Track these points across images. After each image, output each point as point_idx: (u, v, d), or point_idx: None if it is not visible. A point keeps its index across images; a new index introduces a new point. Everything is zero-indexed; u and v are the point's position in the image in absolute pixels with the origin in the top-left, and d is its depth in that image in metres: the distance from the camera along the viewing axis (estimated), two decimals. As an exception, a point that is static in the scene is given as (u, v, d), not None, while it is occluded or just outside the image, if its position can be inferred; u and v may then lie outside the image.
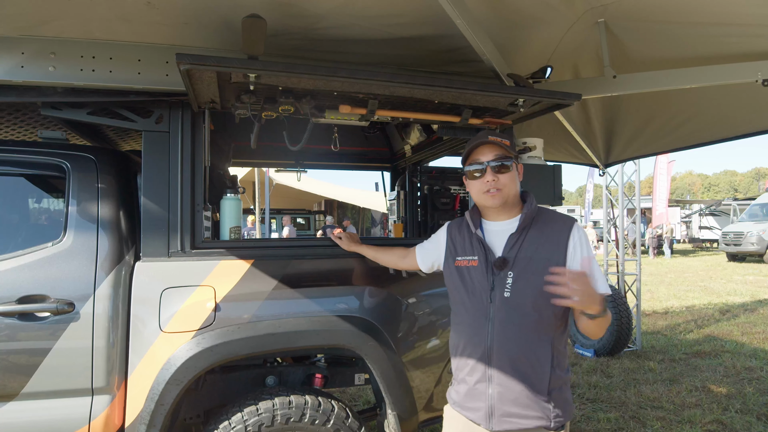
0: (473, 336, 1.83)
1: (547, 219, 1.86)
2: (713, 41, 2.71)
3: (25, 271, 2.16)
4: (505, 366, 1.76)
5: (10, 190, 2.36)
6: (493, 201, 1.84)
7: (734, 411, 4.41)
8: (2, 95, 2.24)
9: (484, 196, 1.86)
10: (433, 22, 2.28)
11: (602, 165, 5.68)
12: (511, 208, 1.89)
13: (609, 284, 6.58)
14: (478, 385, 1.81)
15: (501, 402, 1.76)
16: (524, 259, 1.78)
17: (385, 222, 18.93)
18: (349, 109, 2.36)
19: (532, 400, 1.74)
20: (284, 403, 2.24)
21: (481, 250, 1.86)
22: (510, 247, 1.81)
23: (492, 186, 1.83)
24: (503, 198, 1.84)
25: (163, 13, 2.10)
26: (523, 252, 1.79)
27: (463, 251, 1.93)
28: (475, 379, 1.82)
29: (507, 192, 1.84)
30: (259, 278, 2.37)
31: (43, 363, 2.10)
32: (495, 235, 1.88)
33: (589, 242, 1.81)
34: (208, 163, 2.50)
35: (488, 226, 1.92)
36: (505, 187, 1.83)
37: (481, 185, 1.86)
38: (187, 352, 2.17)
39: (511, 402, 1.75)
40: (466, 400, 1.86)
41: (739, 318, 8.54)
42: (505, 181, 1.83)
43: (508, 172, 1.84)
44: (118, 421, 2.22)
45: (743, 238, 19.34)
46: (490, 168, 1.83)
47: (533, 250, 1.78)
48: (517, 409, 1.75)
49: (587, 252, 1.78)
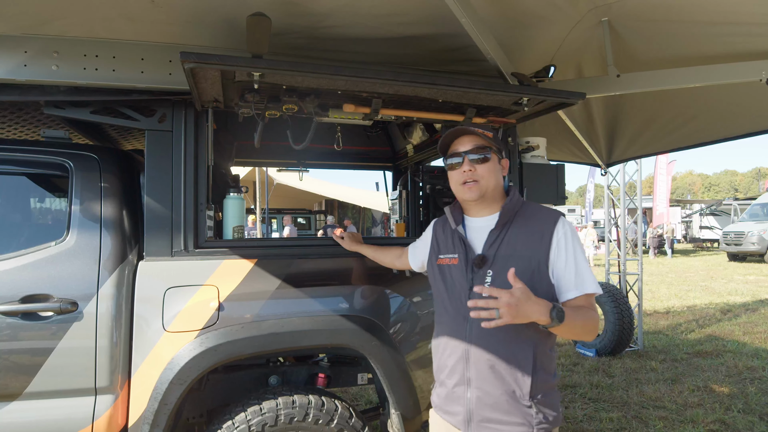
0: (452, 337, 1.76)
1: (530, 214, 1.77)
2: (717, 40, 2.71)
3: (28, 270, 2.15)
4: (484, 369, 1.68)
5: (13, 190, 2.35)
6: (470, 193, 1.76)
7: (737, 411, 4.40)
8: (5, 94, 2.23)
9: (461, 188, 1.79)
10: (438, 21, 2.28)
11: (604, 164, 5.68)
12: (492, 202, 1.80)
13: (612, 284, 6.60)
14: (456, 388, 1.74)
15: (479, 407, 1.68)
16: (504, 256, 1.69)
17: (385, 222, 18.94)
18: (353, 108, 2.35)
19: (512, 405, 1.65)
20: (288, 403, 2.23)
21: (461, 248, 1.79)
22: (490, 244, 1.73)
23: (469, 177, 1.75)
24: (480, 191, 1.75)
25: (166, 12, 2.10)
26: (503, 249, 1.71)
27: (446, 249, 1.86)
28: (454, 381, 1.75)
29: (485, 184, 1.75)
30: (262, 277, 2.36)
31: (47, 363, 2.09)
32: (476, 232, 1.81)
33: (578, 237, 1.71)
34: (211, 162, 2.50)
35: (470, 223, 1.85)
36: (483, 179, 1.75)
37: (459, 176, 1.78)
38: (191, 351, 2.17)
39: (490, 407, 1.67)
40: (446, 404, 1.79)
41: (741, 318, 8.54)
42: (482, 172, 1.74)
43: (487, 163, 1.75)
44: (122, 421, 2.21)
45: (744, 238, 19.34)
46: (468, 159, 1.75)
47: (514, 247, 1.70)
48: (497, 415, 1.66)
49: (573, 247, 1.68)
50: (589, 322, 1.61)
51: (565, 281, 1.66)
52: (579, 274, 1.64)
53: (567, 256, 1.66)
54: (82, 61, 2.22)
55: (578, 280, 1.65)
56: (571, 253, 1.67)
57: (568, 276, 1.65)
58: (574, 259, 1.66)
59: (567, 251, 1.67)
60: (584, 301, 1.65)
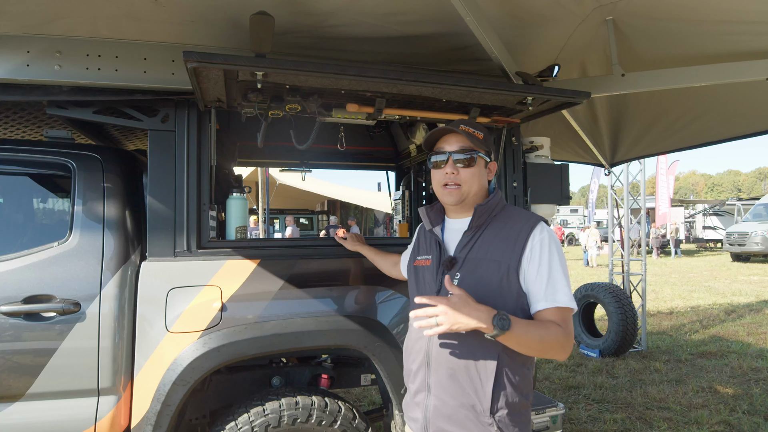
0: (417, 340, 1.69)
1: (507, 217, 1.67)
2: (722, 39, 2.69)
3: (30, 270, 2.14)
4: (443, 376, 1.59)
5: (16, 190, 2.34)
6: (450, 198, 1.69)
7: (741, 412, 4.38)
8: (8, 94, 2.22)
9: (442, 190, 1.70)
10: (442, 19, 2.27)
11: (608, 164, 5.66)
12: (473, 205, 1.69)
13: (615, 284, 6.57)
14: (418, 395, 1.68)
15: (435, 416, 1.60)
16: (473, 260, 1.62)
17: (387, 222, 18.93)
18: (357, 107, 2.34)
19: (470, 419, 1.54)
20: (291, 404, 2.22)
21: (435, 249, 1.73)
22: (462, 245, 1.66)
23: (450, 180, 1.67)
24: (461, 196, 1.68)
25: (170, 11, 2.09)
26: (474, 252, 1.63)
27: (424, 250, 1.81)
28: (416, 387, 1.69)
29: (466, 189, 1.67)
30: (265, 278, 2.35)
31: (49, 363, 2.09)
32: (453, 234, 1.74)
33: (557, 246, 1.59)
34: (214, 163, 2.49)
35: (449, 224, 1.78)
36: (465, 183, 1.66)
37: (441, 177, 1.69)
38: (194, 352, 2.16)
39: (446, 417, 1.58)
40: (409, 409, 1.74)
41: (745, 318, 8.51)
42: (465, 176, 1.66)
43: (472, 167, 1.66)
44: (124, 422, 2.21)
45: (747, 238, 19.29)
46: (452, 160, 1.66)
47: (485, 251, 1.61)
48: (451, 427, 1.57)
49: (549, 256, 1.55)
50: (549, 340, 1.47)
51: (534, 291, 1.55)
52: (551, 284, 1.52)
53: (540, 263, 1.55)
54: (84, 60, 2.21)
55: (549, 291, 1.52)
56: (546, 262, 1.54)
57: (538, 285, 1.54)
58: (548, 269, 1.54)
59: (541, 259, 1.55)
60: (554, 315, 1.52)
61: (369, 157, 4.53)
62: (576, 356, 6.25)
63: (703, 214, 28.12)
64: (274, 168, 12.22)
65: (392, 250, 2.37)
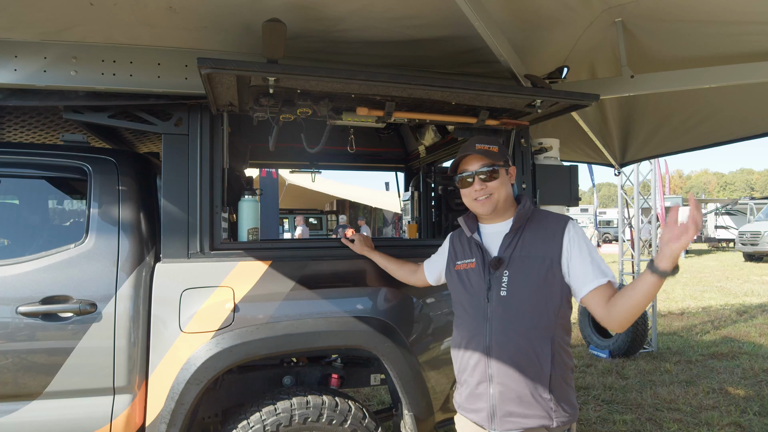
0: (473, 337, 1.85)
1: (541, 218, 1.90)
2: (732, 40, 2.68)
3: (48, 272, 2.19)
4: (505, 365, 1.76)
5: (34, 193, 2.40)
6: (483, 208, 1.89)
7: (752, 413, 4.35)
8: (26, 99, 2.28)
9: (475, 204, 1.91)
10: (451, 23, 2.29)
11: (618, 165, 5.64)
12: (505, 210, 1.92)
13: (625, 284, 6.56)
14: (479, 386, 1.82)
15: (502, 401, 1.76)
16: (519, 258, 1.81)
17: (396, 222, 18.94)
18: (367, 111, 2.37)
19: (533, 398, 1.73)
20: (302, 403, 2.26)
21: (478, 252, 1.90)
22: (506, 246, 1.85)
23: (481, 194, 1.88)
24: (493, 204, 1.88)
25: (184, 18, 2.12)
26: (518, 251, 1.82)
27: (463, 255, 1.99)
28: (476, 380, 1.83)
29: (497, 197, 1.88)
30: (277, 279, 2.39)
31: (66, 362, 2.13)
32: (491, 237, 1.93)
33: (587, 238, 1.82)
34: (226, 165, 2.53)
35: (485, 230, 1.97)
36: (495, 192, 1.87)
37: (471, 193, 1.90)
38: (207, 352, 2.20)
39: (512, 401, 1.75)
40: (469, 402, 1.87)
41: (757, 319, 8.43)
42: (493, 187, 1.87)
43: (497, 178, 1.87)
44: (139, 420, 2.25)
45: (760, 238, 19.03)
46: (478, 177, 1.87)
47: (528, 249, 1.81)
48: (519, 408, 1.74)
49: (585, 245, 1.79)
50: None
51: (582, 274, 1.75)
52: (596, 265, 1.74)
53: (581, 252, 1.77)
54: (100, 66, 2.26)
55: (597, 272, 1.73)
56: (585, 250, 1.77)
57: (584, 269, 1.74)
58: (588, 254, 1.76)
59: (581, 248, 1.77)
60: (609, 289, 1.72)
61: (378, 159, 4.57)
62: (586, 357, 6.23)
63: (715, 214, 27.83)
64: (283, 169, 12.26)
65: (404, 253, 2.38)
